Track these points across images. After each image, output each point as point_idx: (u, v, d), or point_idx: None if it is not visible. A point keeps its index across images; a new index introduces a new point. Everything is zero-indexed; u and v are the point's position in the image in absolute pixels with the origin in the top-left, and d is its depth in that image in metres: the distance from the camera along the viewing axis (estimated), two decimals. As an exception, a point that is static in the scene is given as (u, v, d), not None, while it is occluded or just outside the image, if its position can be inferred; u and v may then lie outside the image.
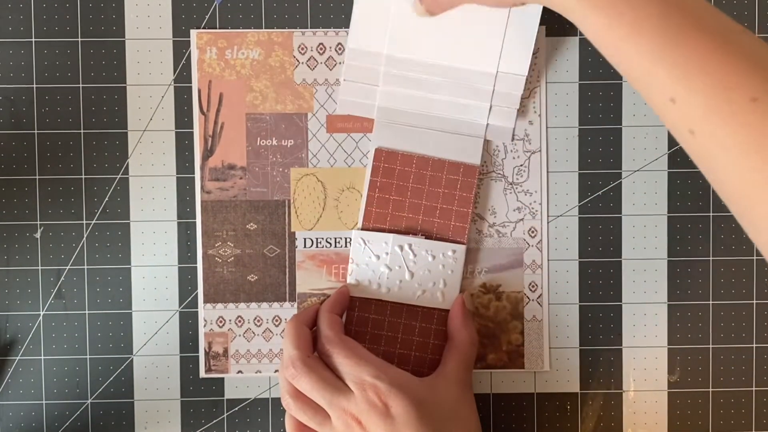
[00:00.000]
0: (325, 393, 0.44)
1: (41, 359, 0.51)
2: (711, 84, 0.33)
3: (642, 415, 0.52)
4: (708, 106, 0.34)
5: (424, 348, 0.50)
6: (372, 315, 0.50)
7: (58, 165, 0.51)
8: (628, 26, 0.36)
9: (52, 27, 0.50)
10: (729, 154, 0.34)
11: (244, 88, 0.51)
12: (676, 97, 0.34)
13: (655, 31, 0.35)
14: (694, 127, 0.34)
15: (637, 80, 0.36)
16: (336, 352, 0.45)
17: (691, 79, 0.34)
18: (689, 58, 0.34)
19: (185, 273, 0.51)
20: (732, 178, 0.34)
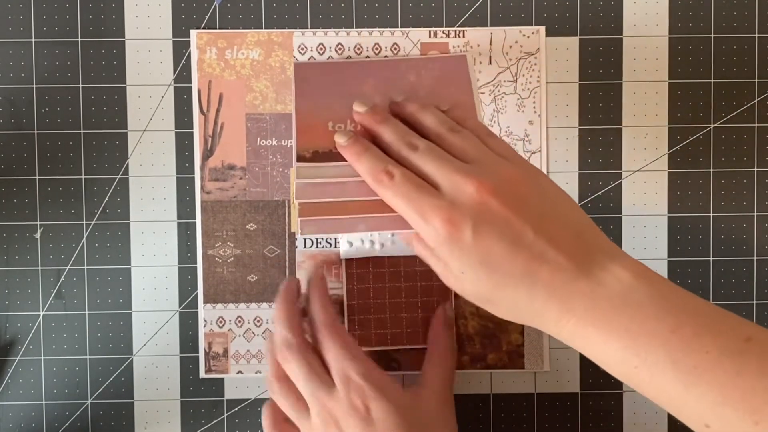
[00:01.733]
0: (310, 383, 0.44)
1: (41, 359, 0.51)
2: (736, 409, 0.35)
3: (642, 415, 0.52)
4: (740, 429, 0.35)
5: (429, 299, 0.50)
6: (371, 270, 0.50)
7: (58, 165, 0.51)
8: (646, 376, 0.37)
9: (52, 27, 0.50)
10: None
11: (244, 88, 0.51)
12: (710, 423, 0.36)
13: (673, 376, 0.36)
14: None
15: (668, 409, 0.38)
16: (329, 341, 0.45)
17: (719, 407, 0.35)
18: (712, 392, 0.35)
19: (185, 273, 0.51)
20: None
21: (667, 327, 0.36)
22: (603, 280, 0.38)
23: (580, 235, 0.39)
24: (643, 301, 0.37)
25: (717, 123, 0.51)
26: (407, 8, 0.51)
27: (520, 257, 0.38)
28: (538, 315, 0.38)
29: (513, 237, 0.38)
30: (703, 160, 0.51)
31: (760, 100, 0.51)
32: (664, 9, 0.51)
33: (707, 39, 0.51)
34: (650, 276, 0.38)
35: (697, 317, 0.37)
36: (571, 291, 0.37)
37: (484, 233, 0.38)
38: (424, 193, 0.39)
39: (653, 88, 0.51)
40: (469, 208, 0.38)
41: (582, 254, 0.38)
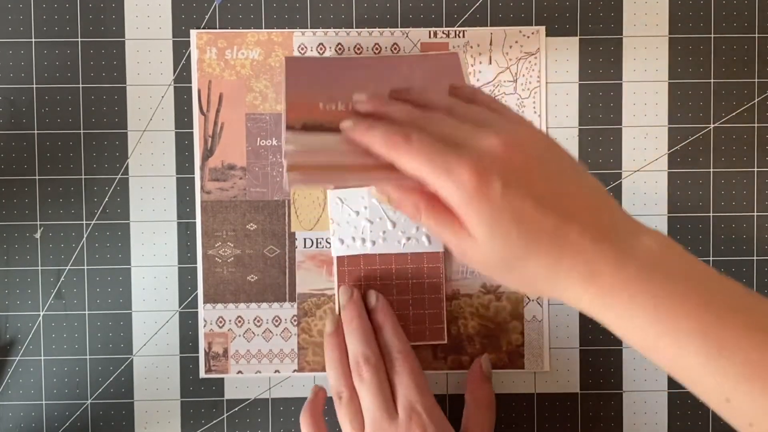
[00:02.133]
0: (377, 406, 0.45)
1: (41, 359, 0.51)
2: (765, 385, 0.34)
3: (642, 415, 0.52)
4: (766, 404, 0.34)
5: (420, 296, 0.50)
6: (362, 268, 0.50)
7: (58, 165, 0.51)
8: (669, 345, 0.35)
9: (52, 27, 0.50)
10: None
11: (244, 88, 0.51)
12: (732, 398, 0.35)
13: (699, 347, 0.35)
14: (752, 420, 0.35)
15: (686, 383, 0.37)
16: (402, 367, 0.47)
17: (744, 383, 0.34)
18: (738, 366, 0.34)
19: (185, 273, 0.51)
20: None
21: (697, 298, 0.35)
22: (631, 246, 0.36)
23: (604, 203, 0.38)
24: (672, 270, 0.36)
25: (717, 123, 0.51)
26: (407, 8, 0.51)
27: (551, 215, 0.36)
28: (561, 280, 0.36)
29: (541, 194, 0.36)
30: (703, 160, 0.51)
31: (760, 100, 0.51)
32: (664, 9, 0.51)
33: (707, 39, 0.51)
34: (679, 249, 0.37)
35: (728, 291, 0.36)
36: (599, 253, 0.36)
37: (513, 188, 0.36)
38: (448, 148, 0.36)
39: (653, 88, 0.51)
40: (496, 162, 0.36)
41: (608, 220, 0.37)
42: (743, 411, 0.35)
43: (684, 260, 0.37)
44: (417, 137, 0.37)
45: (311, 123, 0.41)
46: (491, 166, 0.36)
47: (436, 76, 0.46)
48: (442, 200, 0.38)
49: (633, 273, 0.36)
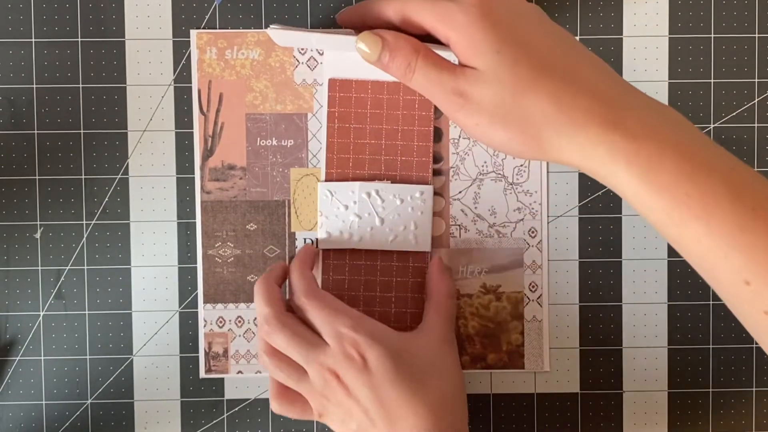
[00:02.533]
0: (301, 348, 0.44)
1: (41, 359, 0.51)
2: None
3: (642, 415, 0.52)
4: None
5: (403, 294, 0.50)
6: (348, 262, 0.50)
7: (58, 165, 0.51)
8: (697, 209, 0.32)
9: (52, 27, 0.50)
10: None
11: (244, 88, 0.51)
12: (752, 279, 0.32)
13: (726, 215, 0.32)
14: (749, 278, 0.33)
15: (702, 260, 0.34)
16: (311, 305, 0.45)
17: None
18: (766, 242, 0.32)
19: (185, 273, 0.51)
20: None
21: (726, 162, 0.33)
22: (651, 103, 0.34)
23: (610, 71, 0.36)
24: (696, 132, 0.33)
25: (717, 123, 0.51)
26: (407, 8, 0.51)
27: (563, 49, 0.34)
28: (573, 121, 0.33)
29: (553, 35, 0.34)
30: (703, 160, 0.51)
31: (760, 100, 0.51)
32: (664, 9, 0.51)
33: (707, 39, 0.51)
34: (687, 123, 0.35)
35: (749, 168, 0.34)
36: (621, 99, 0.33)
37: (521, 18, 0.34)
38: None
39: (653, 88, 0.51)
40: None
41: (620, 82, 0.35)
42: (761, 293, 0.33)
43: (698, 131, 0.35)
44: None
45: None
46: (497, 0, 0.34)
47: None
48: (437, 54, 0.36)
49: (661, 124, 0.33)
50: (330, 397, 0.44)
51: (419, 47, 0.37)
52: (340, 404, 0.43)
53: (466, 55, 0.35)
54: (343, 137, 0.50)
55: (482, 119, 0.35)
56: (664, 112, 0.35)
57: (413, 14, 0.36)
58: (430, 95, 0.37)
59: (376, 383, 0.42)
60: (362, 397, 0.43)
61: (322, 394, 0.44)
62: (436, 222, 0.51)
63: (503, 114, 0.35)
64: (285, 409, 0.46)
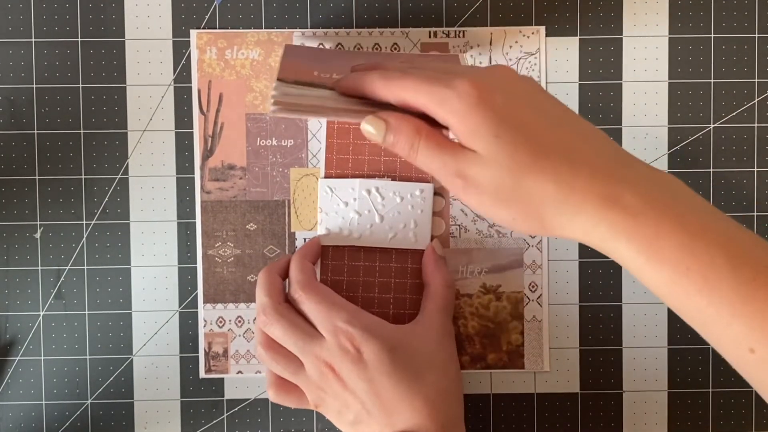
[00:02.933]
0: (297, 340, 0.44)
1: (41, 359, 0.51)
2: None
3: (642, 415, 0.52)
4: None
5: (402, 287, 0.49)
6: (346, 258, 0.49)
7: (58, 165, 0.51)
8: (698, 282, 0.33)
9: (52, 27, 0.50)
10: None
11: (244, 88, 0.51)
12: (756, 347, 0.33)
13: (726, 286, 0.33)
14: (753, 346, 0.33)
15: (706, 330, 0.35)
16: (307, 298, 0.45)
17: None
18: (766, 311, 0.33)
19: (185, 273, 0.51)
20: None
21: (725, 229, 0.33)
22: (648, 173, 0.35)
23: (609, 143, 0.36)
24: (695, 200, 0.34)
25: (717, 123, 0.51)
26: (407, 8, 0.51)
27: (561, 127, 0.35)
28: (573, 202, 0.34)
29: (549, 114, 0.35)
30: (703, 160, 0.51)
31: (760, 100, 0.51)
32: (664, 9, 0.51)
33: (707, 39, 0.51)
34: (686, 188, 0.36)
35: (749, 232, 0.34)
36: (620, 172, 0.34)
37: (516, 101, 0.35)
38: (447, 72, 0.37)
39: (653, 88, 0.51)
40: (496, 83, 0.36)
41: (617, 154, 0.35)
42: (766, 360, 0.33)
43: (699, 197, 0.35)
44: (413, 71, 0.37)
45: (303, 81, 0.41)
46: (494, 82, 0.35)
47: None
48: (439, 133, 0.37)
49: (658, 196, 0.34)
50: (326, 389, 0.44)
51: (421, 129, 0.38)
52: (336, 396, 0.44)
53: (465, 139, 0.36)
54: (342, 138, 0.50)
55: (484, 199, 0.36)
56: (663, 182, 0.35)
57: (411, 99, 0.37)
58: (434, 174, 0.38)
59: (372, 376, 0.43)
60: (358, 390, 0.43)
61: (318, 386, 0.44)
62: (436, 222, 0.51)
63: (505, 195, 0.35)
64: (282, 398, 0.46)
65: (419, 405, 0.43)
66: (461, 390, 0.47)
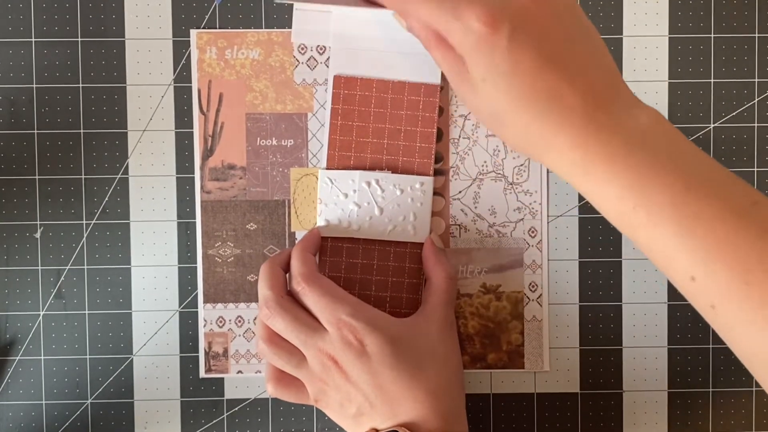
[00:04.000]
0: (300, 333, 0.44)
1: (41, 359, 0.51)
2: (729, 266, 0.34)
3: (642, 415, 0.52)
4: (728, 286, 0.34)
5: (399, 286, 0.49)
6: (344, 255, 0.49)
7: (58, 165, 0.51)
8: (643, 216, 0.35)
9: (52, 27, 0.50)
10: (750, 328, 0.34)
11: (244, 88, 0.51)
12: (696, 276, 0.35)
13: (670, 221, 0.35)
14: (714, 302, 0.35)
15: (655, 259, 0.37)
16: (310, 290, 0.45)
17: (710, 262, 0.34)
18: (707, 243, 0.34)
19: (185, 273, 0.51)
20: (754, 349, 0.34)
21: (675, 174, 0.35)
22: (622, 119, 0.36)
23: (608, 72, 0.38)
24: (658, 147, 0.36)
25: (717, 123, 0.51)
26: (407, 8, 0.51)
27: (550, 75, 0.36)
28: (546, 142, 0.37)
29: (548, 52, 0.36)
30: (703, 160, 0.51)
31: (760, 100, 0.51)
32: (664, 9, 0.51)
33: (707, 39, 0.51)
34: (669, 126, 0.38)
35: (709, 171, 0.36)
36: (589, 122, 0.36)
37: (521, 40, 0.35)
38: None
39: (653, 88, 0.51)
40: (511, 8, 0.36)
41: (607, 89, 0.37)
42: (706, 291, 0.35)
43: (671, 138, 0.37)
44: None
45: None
46: (504, 13, 0.35)
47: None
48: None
49: (620, 143, 0.36)
50: (329, 381, 0.44)
51: (430, 37, 0.40)
52: (338, 389, 0.44)
53: (466, 67, 0.38)
54: (345, 135, 0.50)
55: (478, 117, 0.40)
56: (634, 130, 0.37)
57: (424, 20, 0.38)
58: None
59: (375, 369, 0.43)
60: (361, 382, 0.43)
61: (320, 378, 0.44)
62: (436, 221, 0.51)
63: (493, 122, 0.39)
64: (281, 392, 0.46)
65: (422, 397, 0.43)
66: (463, 381, 0.47)
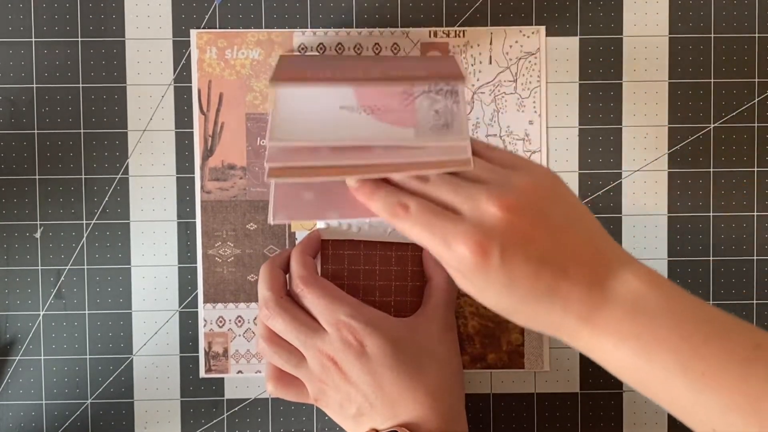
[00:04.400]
0: (299, 333, 0.44)
1: (41, 359, 0.51)
2: (745, 419, 0.35)
3: (642, 415, 0.52)
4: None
5: (402, 290, 0.49)
6: (346, 262, 0.49)
7: (58, 165, 0.51)
8: (655, 380, 0.37)
9: (52, 27, 0.50)
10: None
11: (244, 88, 0.51)
12: (717, 428, 0.36)
13: (682, 382, 0.37)
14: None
15: (675, 413, 0.38)
16: (310, 291, 0.45)
17: (727, 414, 0.36)
18: (719, 398, 0.36)
19: (185, 273, 0.51)
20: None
21: (677, 334, 0.37)
22: (617, 289, 0.38)
23: (595, 245, 0.40)
24: (654, 309, 0.38)
25: (717, 123, 0.51)
26: (407, 8, 0.51)
27: (544, 275, 0.38)
28: (556, 326, 0.39)
29: (538, 256, 0.38)
30: (703, 160, 0.51)
31: (760, 100, 0.51)
32: (664, 9, 0.51)
33: (707, 39, 0.51)
34: (662, 283, 0.39)
35: (707, 324, 0.37)
36: (588, 303, 0.38)
37: (511, 256, 0.37)
38: (446, 219, 0.38)
39: (653, 88, 0.51)
40: (496, 230, 0.37)
41: (598, 265, 0.39)
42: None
43: (666, 296, 0.38)
44: (415, 206, 0.39)
45: (296, 78, 0.40)
46: (492, 237, 0.37)
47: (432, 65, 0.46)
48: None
49: (620, 315, 0.38)
50: (328, 382, 0.44)
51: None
52: (338, 389, 0.44)
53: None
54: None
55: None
56: (631, 296, 0.39)
57: (416, 240, 0.40)
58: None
59: (375, 369, 0.43)
60: (361, 382, 0.43)
61: (320, 379, 0.44)
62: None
63: (498, 312, 0.41)
64: (280, 391, 0.46)
65: (421, 397, 0.43)
66: (463, 382, 0.47)
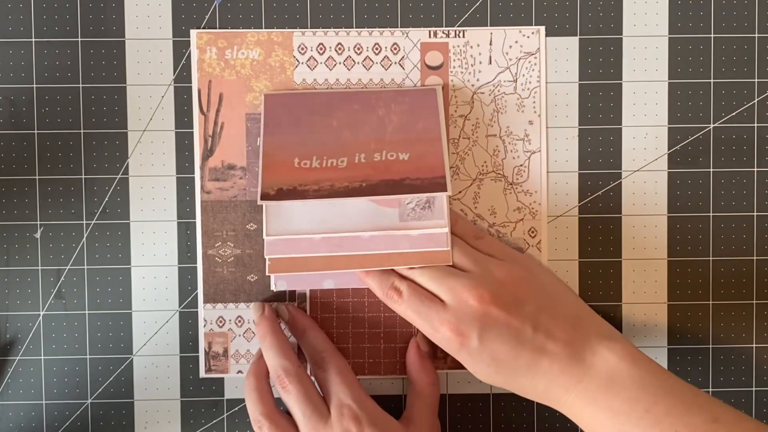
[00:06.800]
0: (307, 413, 0.45)
1: (41, 359, 0.51)
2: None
3: (642, 415, 0.52)
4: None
5: (392, 320, 0.50)
6: (335, 300, 0.50)
7: (58, 165, 0.51)
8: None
9: (52, 27, 0.50)
10: None
11: (244, 88, 0.51)
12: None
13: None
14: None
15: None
16: (328, 363, 0.47)
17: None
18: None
19: (185, 273, 0.51)
20: None
21: (642, 406, 0.42)
22: (593, 364, 0.44)
23: (573, 322, 0.45)
24: (625, 381, 0.43)
25: (717, 123, 0.51)
26: (407, 8, 0.51)
27: (523, 353, 0.44)
28: (543, 395, 0.44)
29: (515, 337, 0.44)
30: (703, 160, 0.51)
31: (760, 100, 0.51)
32: (664, 9, 0.51)
33: (707, 39, 0.51)
34: (634, 357, 0.44)
35: (671, 397, 0.42)
36: (568, 376, 0.43)
37: (488, 338, 0.44)
38: (432, 307, 0.45)
39: (653, 88, 0.51)
40: (473, 319, 0.44)
41: (576, 341, 0.44)
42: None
43: (636, 370, 0.43)
44: (406, 292, 0.46)
45: (285, 188, 0.46)
46: (470, 324, 0.44)
47: (413, 116, 0.49)
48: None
49: (595, 388, 0.43)
50: None
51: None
52: None
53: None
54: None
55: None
56: (606, 370, 0.44)
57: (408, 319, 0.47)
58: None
59: None
60: None
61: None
62: (436, 222, 0.51)
63: (490, 384, 0.47)
64: None
65: None
66: None
